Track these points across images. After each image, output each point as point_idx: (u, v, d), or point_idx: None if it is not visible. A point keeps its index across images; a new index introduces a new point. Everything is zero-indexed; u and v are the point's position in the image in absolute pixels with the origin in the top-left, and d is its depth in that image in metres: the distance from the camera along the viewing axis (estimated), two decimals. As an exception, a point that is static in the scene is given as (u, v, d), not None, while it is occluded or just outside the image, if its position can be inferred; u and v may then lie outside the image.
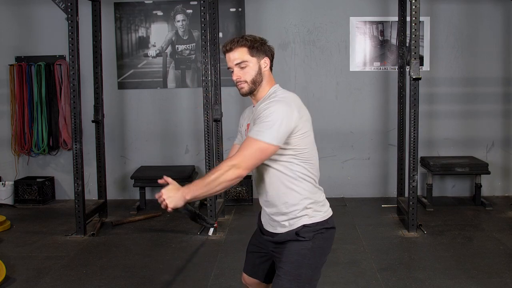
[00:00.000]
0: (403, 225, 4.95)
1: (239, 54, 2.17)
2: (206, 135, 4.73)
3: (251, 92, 2.21)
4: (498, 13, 5.92)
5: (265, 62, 2.21)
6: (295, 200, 2.16)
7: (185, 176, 5.64)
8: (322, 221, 2.18)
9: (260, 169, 2.19)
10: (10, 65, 6.00)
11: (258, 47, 2.18)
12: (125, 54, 6.09)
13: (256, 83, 2.19)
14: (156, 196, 2.08)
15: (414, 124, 4.57)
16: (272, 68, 2.27)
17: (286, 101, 2.10)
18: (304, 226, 2.15)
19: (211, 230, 4.75)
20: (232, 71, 2.21)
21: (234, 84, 2.22)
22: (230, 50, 2.18)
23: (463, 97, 6.01)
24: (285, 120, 2.04)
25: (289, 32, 5.97)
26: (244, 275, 2.47)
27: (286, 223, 2.19)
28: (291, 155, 2.13)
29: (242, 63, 2.17)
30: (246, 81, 2.18)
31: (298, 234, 2.15)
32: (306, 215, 2.16)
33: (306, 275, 2.13)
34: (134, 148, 6.19)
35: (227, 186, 2.03)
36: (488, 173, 5.68)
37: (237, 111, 5.68)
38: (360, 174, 6.12)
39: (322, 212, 2.20)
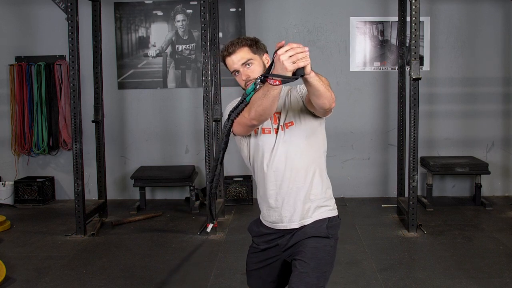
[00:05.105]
0: (403, 225, 4.96)
1: (243, 54, 2.16)
2: (206, 135, 4.73)
3: None
4: (498, 13, 5.92)
5: (266, 58, 2.22)
6: (322, 188, 2.22)
7: (185, 176, 5.64)
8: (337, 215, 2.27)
9: (292, 153, 2.16)
10: (10, 65, 6.00)
11: (257, 44, 2.20)
12: (125, 54, 6.09)
13: None
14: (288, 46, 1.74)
15: (414, 124, 4.57)
16: None
17: None
18: (329, 219, 2.19)
19: (210, 226, 4.67)
20: (237, 74, 2.18)
21: (243, 85, 2.17)
22: (233, 52, 2.16)
23: (463, 97, 6.01)
24: None
25: (289, 32, 5.96)
26: None
27: (311, 214, 2.18)
28: (322, 141, 2.24)
29: (248, 62, 2.15)
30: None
31: (327, 229, 2.17)
32: (328, 206, 2.22)
33: (328, 272, 2.17)
34: (134, 148, 6.19)
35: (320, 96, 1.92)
36: (488, 173, 5.68)
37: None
38: (360, 174, 6.12)
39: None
